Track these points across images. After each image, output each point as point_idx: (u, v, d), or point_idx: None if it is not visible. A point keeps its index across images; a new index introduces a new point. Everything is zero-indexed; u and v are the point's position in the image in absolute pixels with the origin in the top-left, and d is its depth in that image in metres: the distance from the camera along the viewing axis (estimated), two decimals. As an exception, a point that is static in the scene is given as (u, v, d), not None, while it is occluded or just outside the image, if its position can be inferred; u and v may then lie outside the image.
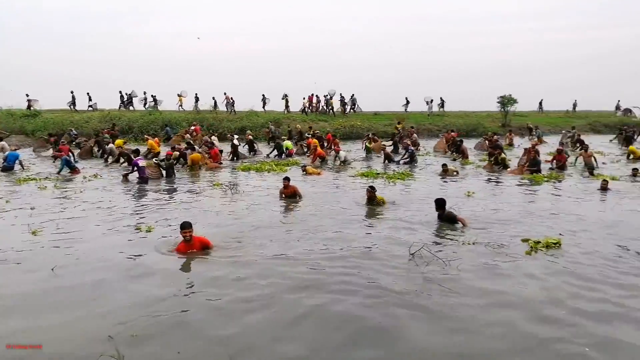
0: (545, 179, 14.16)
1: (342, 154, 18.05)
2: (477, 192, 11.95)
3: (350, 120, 32.50)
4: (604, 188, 12.03)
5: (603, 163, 18.00)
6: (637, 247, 7.21)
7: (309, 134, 23.29)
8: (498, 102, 36.19)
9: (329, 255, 6.97)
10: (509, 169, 15.94)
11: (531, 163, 15.35)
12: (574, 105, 46.07)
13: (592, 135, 32.43)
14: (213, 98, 35.25)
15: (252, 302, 5.33)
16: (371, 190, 10.11)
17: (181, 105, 34.65)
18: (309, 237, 7.88)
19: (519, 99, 35.89)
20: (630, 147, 20.40)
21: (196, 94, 34.77)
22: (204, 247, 6.95)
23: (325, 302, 5.31)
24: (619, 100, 46.96)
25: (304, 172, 15.12)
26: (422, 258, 6.64)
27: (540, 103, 45.13)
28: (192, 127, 26.04)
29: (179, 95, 34.63)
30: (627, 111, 45.17)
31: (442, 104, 38.37)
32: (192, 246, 6.83)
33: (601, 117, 41.63)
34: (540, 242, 7.38)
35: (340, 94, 35.99)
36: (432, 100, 37.15)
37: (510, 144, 25.03)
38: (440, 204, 8.72)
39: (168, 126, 27.44)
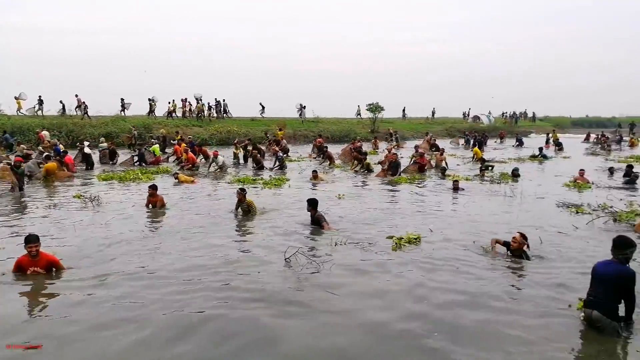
0: (409, 180, 15.29)
1: (220, 159, 17.51)
2: (347, 195, 12.40)
3: (227, 126, 31.85)
4: (456, 188, 13.27)
5: (457, 165, 20.06)
6: (482, 240, 7.98)
7: (174, 141, 22.32)
8: (367, 110, 38.55)
9: (203, 265, 6.62)
10: (374, 173, 16.82)
11: (391, 166, 16.42)
12: (433, 112, 50.86)
13: (448, 139, 35.99)
14: (61, 102, 31.88)
15: (120, 327, 4.75)
16: (241, 192, 9.86)
17: (20, 110, 30.26)
18: (179, 249, 7.41)
19: (385, 106, 38.69)
20: (475, 149, 23.03)
21: (40, 96, 30.78)
22: (52, 266, 6.08)
23: (204, 316, 5.01)
24: (469, 108, 53.12)
25: (177, 180, 14.37)
26: (298, 262, 6.64)
27: (404, 110, 49.01)
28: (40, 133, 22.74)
29: (17, 98, 30.02)
30: (476, 118, 51.20)
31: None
32: (37, 263, 5.95)
33: (456, 123, 46.56)
34: (403, 238, 7.89)
35: (216, 99, 35.21)
36: (304, 107, 37.84)
37: (376, 149, 26.80)
38: (312, 203, 8.84)
39: (7, 133, 22.89)
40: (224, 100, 35.80)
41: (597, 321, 4.62)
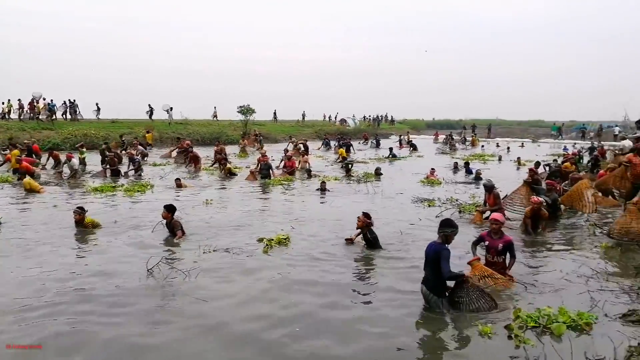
0: (282, 181, 15.45)
1: (74, 161, 15.69)
2: (215, 200, 12.09)
3: (83, 129, 28.89)
4: (323, 189, 13.64)
5: (325, 166, 20.83)
6: (345, 234, 8.40)
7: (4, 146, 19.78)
8: (238, 112, 38.10)
9: (60, 280, 5.91)
10: (248, 176, 16.52)
11: (262, 168, 16.37)
12: (303, 115, 52.20)
13: (318, 141, 37.24)
14: None
15: None
16: (80, 212, 8.65)
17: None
18: (24, 268, 6.51)
19: (257, 108, 38.65)
20: (340, 150, 24.31)
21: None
22: None
23: (59, 331, 4.58)
24: (337, 112, 55.54)
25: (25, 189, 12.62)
26: (161, 272, 6.29)
27: (275, 113, 49.50)
28: None
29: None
30: (343, 121, 53.75)
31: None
32: None
33: (325, 126, 48.35)
34: (273, 239, 7.93)
35: (68, 100, 31.80)
36: (171, 109, 35.98)
37: (244, 152, 26.26)
38: (169, 209, 8.18)
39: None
40: (74, 100, 32.36)
41: (425, 296, 5.28)
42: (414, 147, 31.49)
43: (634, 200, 8.58)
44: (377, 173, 17.33)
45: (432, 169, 17.48)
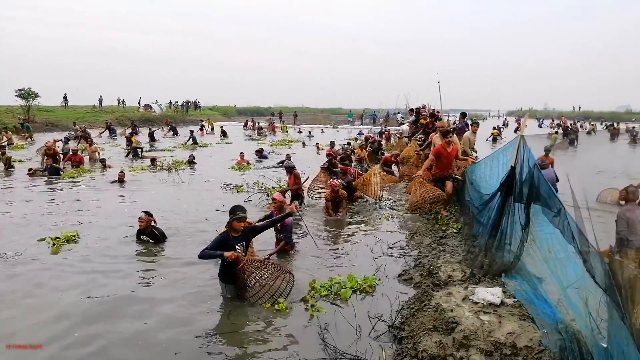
0: (74, 175, 13.79)
1: None
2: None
3: None
4: (121, 180, 12.61)
5: (125, 157, 19.30)
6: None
7: None
8: (17, 96, 32.48)
9: None
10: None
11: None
12: (100, 100, 47.30)
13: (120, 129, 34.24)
14: None
15: None
16: None
17: None
18: None
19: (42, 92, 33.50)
20: (132, 139, 21.50)
21: None
22: None
23: None
24: (140, 97, 51.81)
25: None
26: None
27: (65, 97, 43.66)
28: None
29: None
30: (148, 107, 50.41)
31: None
32: None
33: (127, 112, 44.56)
34: (59, 237, 7.15)
35: None
36: None
37: (11, 143, 21.93)
38: None
39: None
40: None
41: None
42: (224, 134, 31.31)
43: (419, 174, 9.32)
44: (191, 161, 16.77)
45: (242, 153, 17.74)
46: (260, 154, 19.36)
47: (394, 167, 14.20)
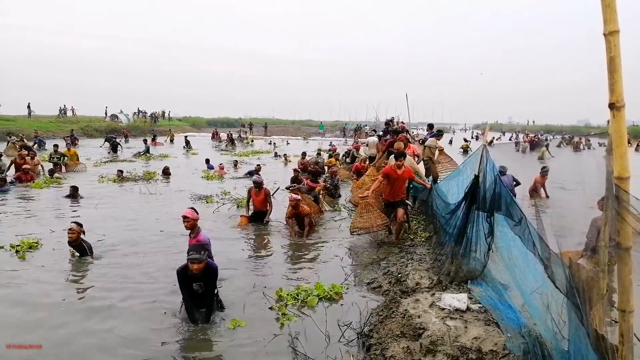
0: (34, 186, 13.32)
1: None
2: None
3: None
4: (74, 195, 11.62)
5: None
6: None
7: None
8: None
9: None
10: None
11: None
12: (63, 110, 46.12)
13: (86, 139, 33.36)
14: None
15: None
16: None
17: None
18: None
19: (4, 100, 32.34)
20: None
21: None
22: None
23: None
24: (106, 107, 50.74)
25: None
26: None
27: (29, 106, 42.34)
28: None
29: None
30: (114, 117, 49.42)
31: None
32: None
33: (92, 122, 43.53)
34: (21, 245, 7.10)
35: None
36: None
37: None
38: None
39: None
40: None
41: None
42: (187, 144, 30.76)
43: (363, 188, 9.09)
44: (166, 172, 16.32)
45: (221, 164, 17.81)
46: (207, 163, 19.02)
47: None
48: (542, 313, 3.75)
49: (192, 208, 5.92)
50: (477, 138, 48.31)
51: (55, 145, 17.72)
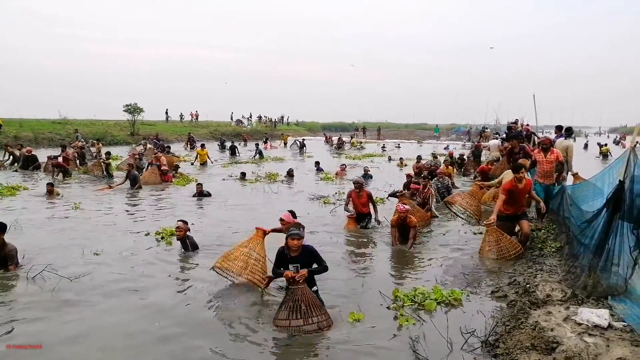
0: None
1: None
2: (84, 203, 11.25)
3: None
4: (200, 192, 12.57)
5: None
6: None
7: None
8: (124, 111, 35.86)
9: None
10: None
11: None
12: (195, 115, 50.82)
13: (214, 142, 36.38)
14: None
15: None
16: None
17: None
18: None
19: (146, 107, 36.66)
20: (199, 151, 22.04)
21: None
22: None
23: None
24: (232, 112, 54.81)
25: None
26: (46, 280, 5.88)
27: (167, 112, 47.46)
28: None
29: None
30: (239, 122, 53.14)
31: None
32: None
33: (220, 127, 47.36)
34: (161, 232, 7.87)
35: None
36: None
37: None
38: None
39: None
40: None
41: None
42: (302, 148, 31.69)
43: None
44: (290, 174, 17.01)
45: (343, 164, 18.29)
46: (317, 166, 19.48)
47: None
48: None
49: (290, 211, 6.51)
50: (617, 143, 43.06)
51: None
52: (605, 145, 30.54)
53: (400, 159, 23.57)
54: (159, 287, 5.87)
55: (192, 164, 20.88)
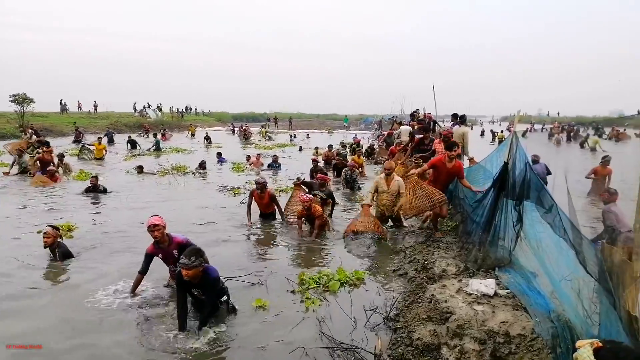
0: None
1: None
2: None
3: None
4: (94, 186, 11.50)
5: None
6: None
7: None
8: (11, 101, 32.32)
9: None
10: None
11: None
12: (95, 106, 47.39)
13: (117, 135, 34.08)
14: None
15: None
16: None
17: None
18: None
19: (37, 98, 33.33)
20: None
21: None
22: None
23: None
24: (135, 102, 51.79)
25: None
26: None
27: (61, 102, 43.67)
28: None
29: None
30: (142, 112, 50.39)
31: None
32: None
33: (122, 118, 44.52)
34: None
35: None
36: None
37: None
38: None
39: None
40: None
41: None
42: (208, 140, 30.75)
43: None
44: (202, 166, 16.35)
45: (258, 154, 18.30)
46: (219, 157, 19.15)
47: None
48: (572, 299, 3.71)
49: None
50: (509, 130, 46.96)
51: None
52: (502, 132, 33.24)
53: (316, 148, 23.64)
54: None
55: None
